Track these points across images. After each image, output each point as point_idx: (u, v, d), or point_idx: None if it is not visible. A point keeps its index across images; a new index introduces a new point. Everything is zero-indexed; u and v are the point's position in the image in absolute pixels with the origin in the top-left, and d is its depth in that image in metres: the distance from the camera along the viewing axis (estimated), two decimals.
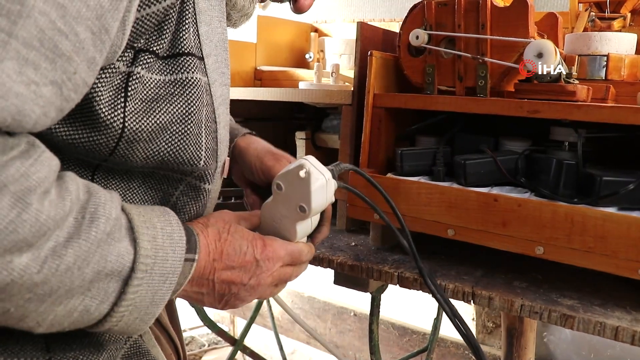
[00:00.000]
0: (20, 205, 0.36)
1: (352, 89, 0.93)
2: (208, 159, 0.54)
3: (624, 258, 0.62)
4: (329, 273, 0.87)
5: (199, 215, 0.58)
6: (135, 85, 0.47)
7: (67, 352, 0.50)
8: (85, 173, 0.51)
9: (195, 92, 0.51)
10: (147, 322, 0.47)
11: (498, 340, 1.71)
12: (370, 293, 0.91)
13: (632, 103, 0.77)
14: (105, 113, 0.46)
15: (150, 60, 0.48)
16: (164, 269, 0.46)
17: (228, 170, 0.65)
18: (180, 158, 0.52)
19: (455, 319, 0.62)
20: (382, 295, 0.96)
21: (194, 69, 0.51)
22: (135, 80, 0.47)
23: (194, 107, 0.51)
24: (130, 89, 0.47)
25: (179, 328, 0.74)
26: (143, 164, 0.51)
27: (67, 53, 0.38)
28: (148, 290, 0.45)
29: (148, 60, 0.48)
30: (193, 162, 0.53)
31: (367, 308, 1.00)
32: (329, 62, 1.42)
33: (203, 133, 0.53)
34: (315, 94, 1.00)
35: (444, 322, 1.61)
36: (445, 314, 0.63)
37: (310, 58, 1.45)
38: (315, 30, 1.57)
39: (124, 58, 0.46)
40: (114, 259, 0.43)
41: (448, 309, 0.63)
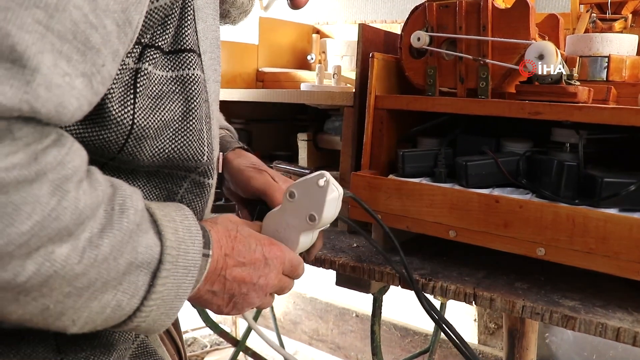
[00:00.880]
0: (60, 193, 0.37)
1: (353, 91, 0.93)
2: (210, 154, 0.55)
3: (626, 259, 0.62)
4: (331, 274, 0.87)
5: (203, 212, 0.59)
6: (144, 82, 0.47)
7: (78, 352, 0.50)
8: None
9: (197, 88, 0.51)
10: (171, 317, 0.47)
11: (500, 342, 1.71)
12: (372, 294, 0.92)
13: (633, 104, 0.77)
14: (117, 110, 0.46)
15: (156, 56, 0.48)
16: (187, 262, 0.47)
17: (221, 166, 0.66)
18: (185, 154, 0.52)
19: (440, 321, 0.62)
20: (384, 297, 0.96)
21: (195, 66, 0.51)
22: (144, 77, 0.47)
23: (196, 103, 0.51)
24: (139, 85, 0.47)
25: (179, 329, 0.74)
26: (149, 162, 0.51)
27: (96, 46, 0.39)
28: (174, 283, 0.46)
29: (154, 56, 0.48)
30: (197, 157, 0.53)
31: (369, 309, 1.00)
32: (331, 63, 1.42)
33: (204, 129, 0.53)
34: (317, 96, 1.00)
35: None
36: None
37: (312, 60, 1.45)
38: (317, 32, 1.57)
39: (132, 54, 0.46)
40: (144, 250, 0.43)
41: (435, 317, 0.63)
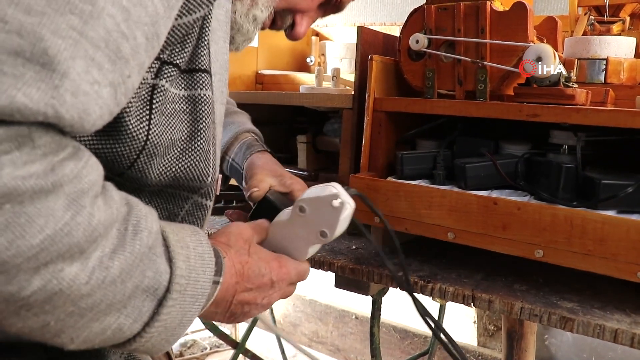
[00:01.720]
0: (75, 208, 0.36)
1: (352, 93, 0.94)
2: (214, 175, 0.55)
3: (624, 261, 0.62)
4: (330, 276, 0.87)
5: None
6: (159, 98, 0.47)
7: (65, 356, 0.50)
8: None
9: (207, 109, 0.51)
10: (171, 342, 0.47)
11: (499, 343, 1.71)
12: (371, 296, 0.92)
13: (631, 106, 0.77)
14: (133, 124, 0.45)
15: (174, 74, 0.48)
16: (195, 290, 0.46)
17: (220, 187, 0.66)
18: (191, 174, 0.52)
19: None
20: (383, 298, 0.97)
21: (207, 86, 0.51)
22: (160, 93, 0.47)
23: (205, 124, 0.51)
24: (155, 102, 0.47)
25: None
26: (156, 180, 0.50)
27: (126, 56, 0.39)
28: (179, 312, 0.45)
29: (172, 74, 0.48)
30: (202, 178, 0.53)
31: (368, 311, 1.00)
32: (330, 65, 1.42)
33: (211, 150, 0.54)
34: (316, 98, 1.01)
35: (445, 325, 1.61)
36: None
37: (311, 62, 1.45)
38: (316, 34, 1.57)
39: (151, 69, 0.46)
40: (152, 275, 0.42)
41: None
